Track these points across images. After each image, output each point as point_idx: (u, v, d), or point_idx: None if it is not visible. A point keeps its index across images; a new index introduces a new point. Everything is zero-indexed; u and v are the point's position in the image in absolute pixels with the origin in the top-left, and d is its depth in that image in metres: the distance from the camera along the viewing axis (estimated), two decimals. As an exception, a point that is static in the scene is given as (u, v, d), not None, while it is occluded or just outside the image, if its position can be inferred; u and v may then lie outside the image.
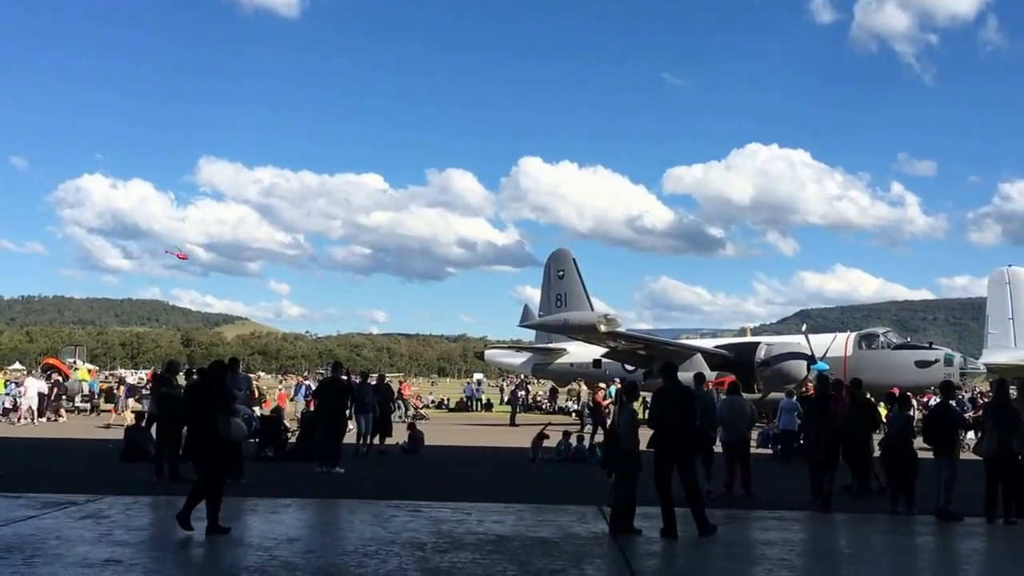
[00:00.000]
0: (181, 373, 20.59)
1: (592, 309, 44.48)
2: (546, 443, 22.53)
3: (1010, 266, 46.36)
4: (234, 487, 15.38)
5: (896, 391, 19.92)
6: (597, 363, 44.01)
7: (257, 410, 29.07)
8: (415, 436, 23.52)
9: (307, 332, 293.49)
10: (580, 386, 51.48)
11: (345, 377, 21.04)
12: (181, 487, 13.14)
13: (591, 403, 29.46)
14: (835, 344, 37.53)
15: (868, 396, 22.10)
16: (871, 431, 15.80)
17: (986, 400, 28.67)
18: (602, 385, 36.11)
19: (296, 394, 39.58)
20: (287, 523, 11.43)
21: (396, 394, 38.76)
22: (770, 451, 23.88)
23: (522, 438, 25.37)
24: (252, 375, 47.58)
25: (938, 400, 16.69)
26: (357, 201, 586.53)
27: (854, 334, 38.84)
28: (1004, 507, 13.13)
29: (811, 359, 35.95)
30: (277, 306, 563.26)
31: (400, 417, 39.03)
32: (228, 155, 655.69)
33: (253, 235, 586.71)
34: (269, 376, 78.26)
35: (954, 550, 11.67)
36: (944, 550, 11.79)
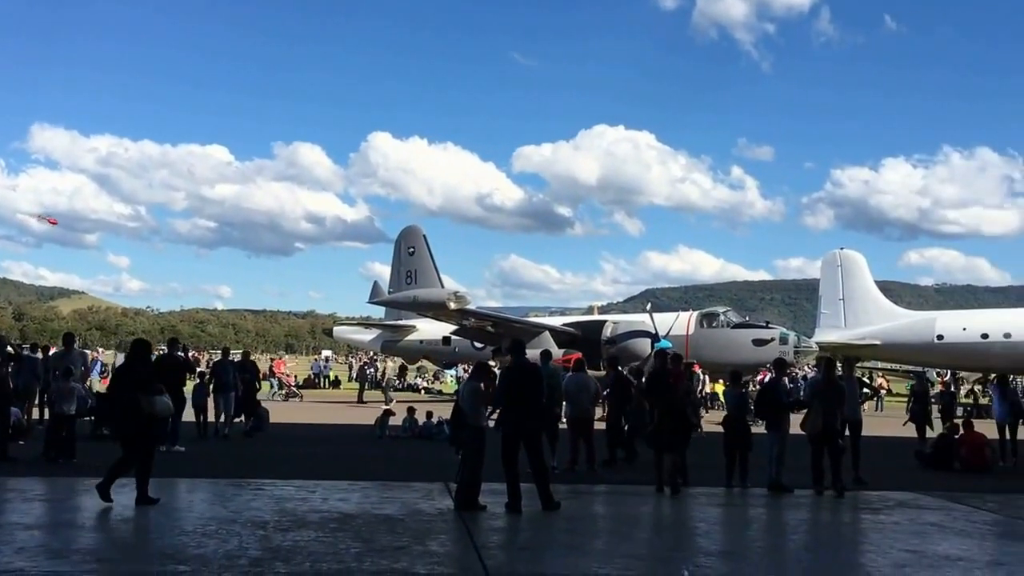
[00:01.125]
0: (9, 347, 19.52)
1: (442, 286, 44.58)
2: (393, 420, 22.52)
3: (842, 249, 49.00)
4: (66, 467, 14.81)
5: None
6: (447, 340, 44.16)
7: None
8: (259, 414, 23.06)
9: (148, 307, 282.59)
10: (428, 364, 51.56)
11: (182, 354, 20.49)
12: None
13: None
14: (678, 323, 38.83)
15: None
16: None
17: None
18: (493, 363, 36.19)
19: (92, 370, 37.96)
20: (122, 503, 11.03)
21: (268, 372, 38.03)
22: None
23: (370, 416, 25.25)
24: (89, 351, 45.41)
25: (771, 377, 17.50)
26: (201, 173, 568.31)
27: (696, 313, 40.27)
28: (833, 479, 13.93)
29: (655, 337, 37.10)
30: (116, 280, 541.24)
31: (272, 395, 38.27)
32: (62, 122, 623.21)
33: (90, 206, 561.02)
34: (110, 352, 75.47)
35: (783, 521, 12.34)
36: (774, 521, 12.44)
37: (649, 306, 47.05)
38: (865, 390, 19.74)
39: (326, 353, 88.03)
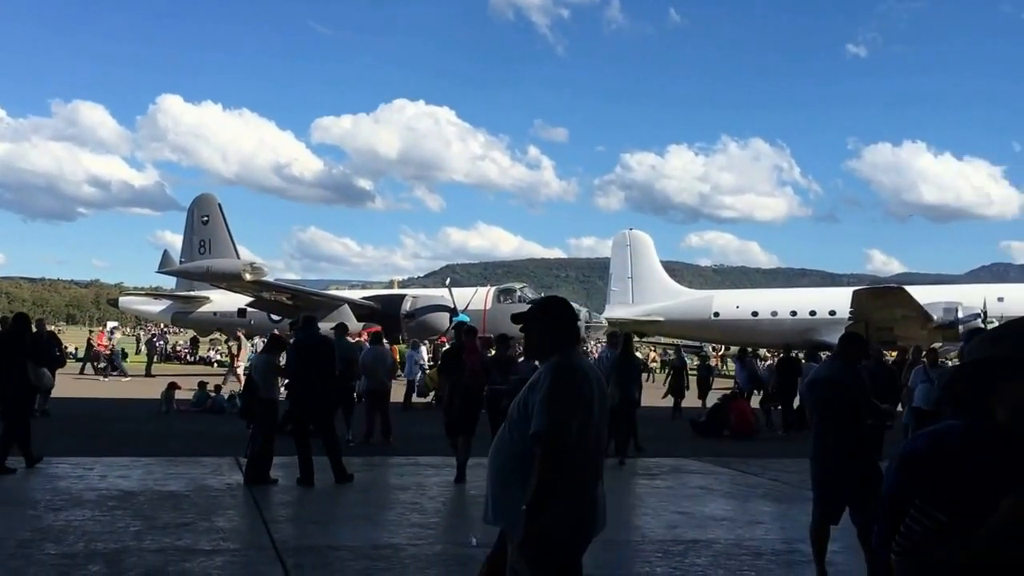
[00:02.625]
0: None
1: (238, 257, 43.18)
2: (180, 394, 21.59)
3: (631, 229, 50.94)
4: None
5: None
6: (242, 312, 42.91)
7: None
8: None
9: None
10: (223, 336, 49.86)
11: None
12: None
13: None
14: (476, 298, 39.33)
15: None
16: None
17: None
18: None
19: None
20: None
21: (87, 345, 35.46)
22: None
23: (159, 390, 24.14)
24: None
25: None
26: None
27: (494, 288, 40.90)
28: (618, 449, 14.49)
29: (453, 311, 37.43)
30: None
31: (89, 370, 35.22)
32: None
33: None
34: None
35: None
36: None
37: (448, 281, 47.38)
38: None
39: (112, 324, 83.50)
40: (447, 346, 16.69)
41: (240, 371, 27.24)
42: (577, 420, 4.01)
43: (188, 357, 51.38)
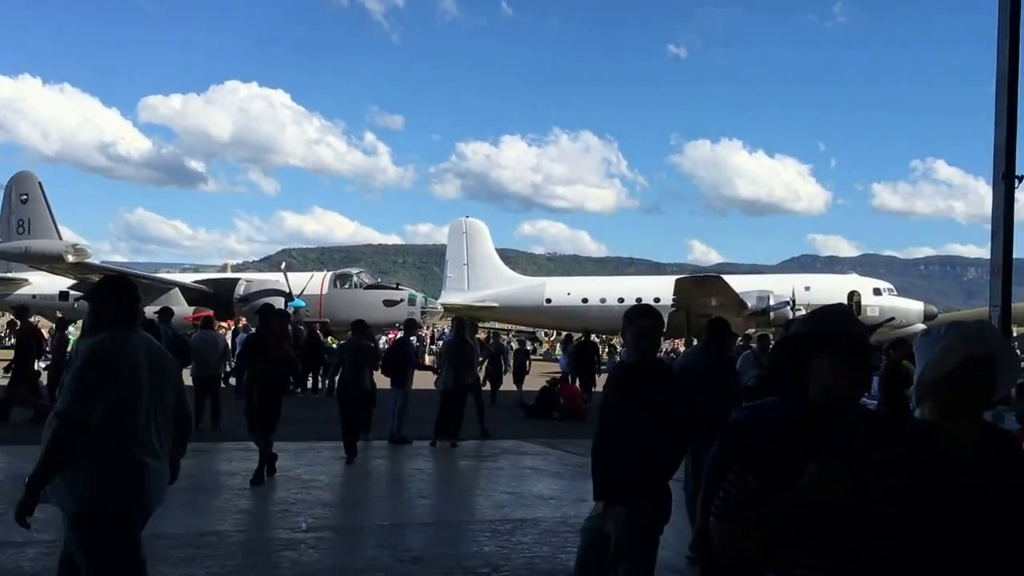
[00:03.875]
0: None
1: (60, 238, 40.86)
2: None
3: (467, 217, 51.14)
4: None
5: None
6: (64, 295, 40.56)
7: None
8: None
9: None
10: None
11: None
12: None
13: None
14: (312, 283, 38.60)
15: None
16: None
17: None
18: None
19: None
20: None
21: None
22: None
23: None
24: None
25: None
26: None
27: (330, 274, 40.24)
28: (451, 432, 14.53)
29: (289, 296, 36.60)
30: None
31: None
32: None
33: None
34: None
35: (403, 471, 12.71)
36: (395, 472, 12.78)
37: (284, 265, 46.33)
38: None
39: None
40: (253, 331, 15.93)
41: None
42: (107, 398, 4.06)
43: (6, 341, 48.23)
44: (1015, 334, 28.32)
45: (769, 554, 2.38)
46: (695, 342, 16.91)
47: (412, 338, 17.10)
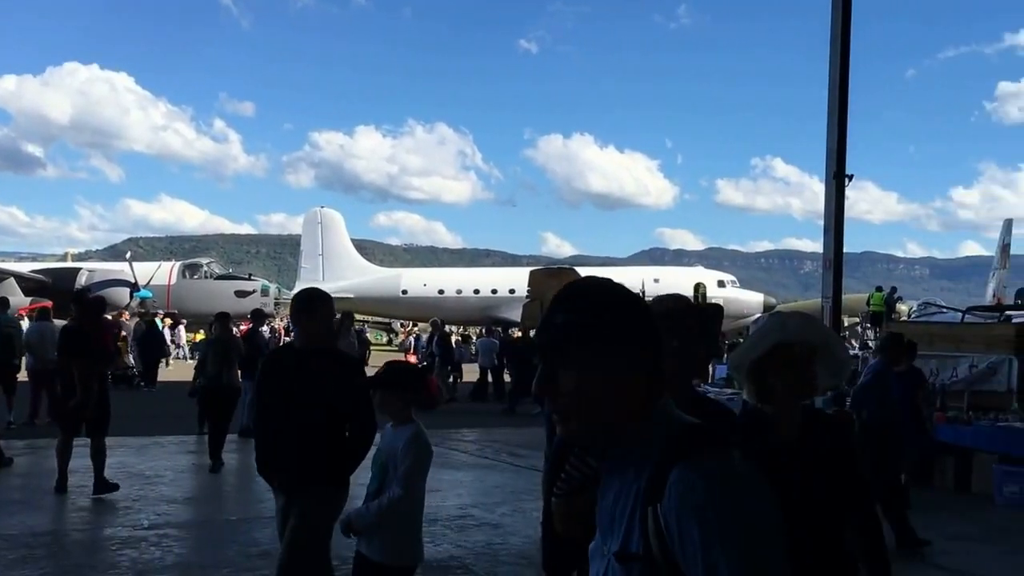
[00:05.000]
0: None
1: None
2: None
3: (322, 207, 50.30)
4: None
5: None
6: None
7: None
8: None
9: None
10: None
11: None
12: None
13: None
14: (159, 272, 37.25)
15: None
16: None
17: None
18: None
19: None
20: None
21: None
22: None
23: None
24: None
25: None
26: None
27: (179, 263, 38.90)
28: None
29: (134, 286, 35.20)
30: None
31: None
32: None
33: None
34: None
35: (248, 464, 12.37)
36: (242, 464, 12.44)
37: (129, 255, 44.45)
38: None
39: None
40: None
41: None
42: None
43: None
44: (846, 324, 30.01)
45: None
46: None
47: (264, 329, 16.74)
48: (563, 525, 2.49)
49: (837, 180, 17.04)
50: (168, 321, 32.80)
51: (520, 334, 23.78)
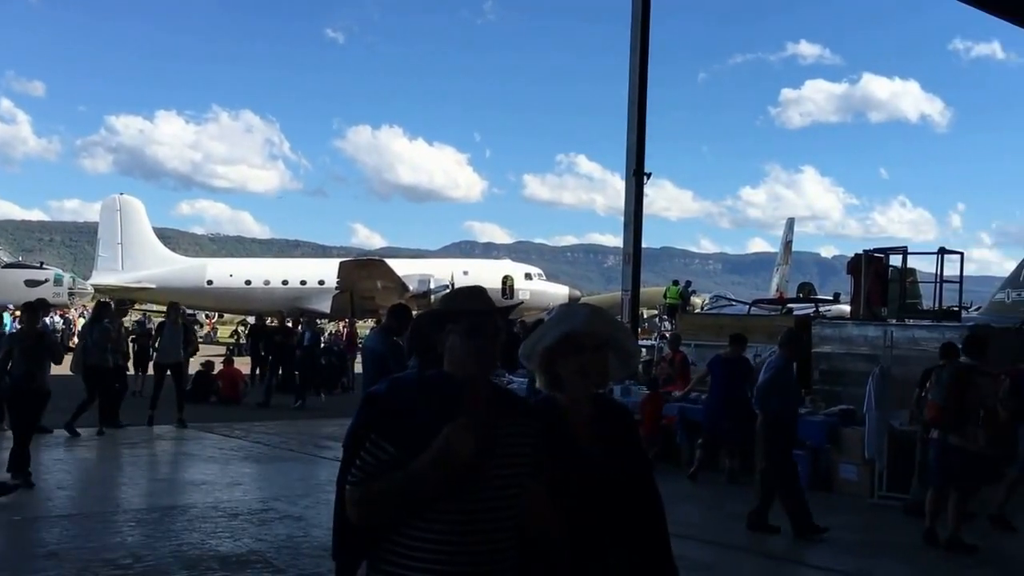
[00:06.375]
0: None
1: None
2: None
3: (121, 194, 47.64)
4: None
5: None
6: None
7: None
8: None
9: None
10: None
11: None
12: None
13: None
14: (-64, 260, 34.19)
15: None
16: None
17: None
18: None
19: None
20: None
21: None
22: None
23: None
24: None
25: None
26: None
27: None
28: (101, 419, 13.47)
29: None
30: None
31: None
32: None
33: None
34: None
35: (37, 460, 11.57)
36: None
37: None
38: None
39: None
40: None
41: None
42: None
43: None
44: (645, 316, 31.25)
45: (402, 518, 2.45)
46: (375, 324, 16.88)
47: (51, 319, 15.71)
48: (356, 512, 2.48)
49: (636, 177, 17.70)
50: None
51: (277, 322, 22.48)
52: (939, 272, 13.82)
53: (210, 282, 43.18)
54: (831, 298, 26.49)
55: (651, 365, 15.82)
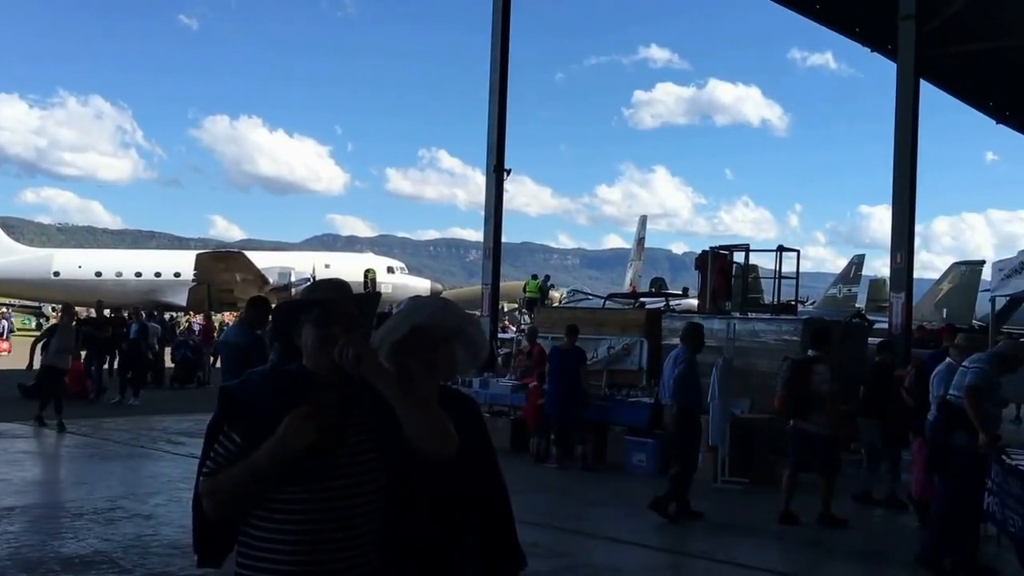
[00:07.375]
0: None
1: None
2: None
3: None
4: None
5: None
6: None
7: None
8: None
9: None
10: None
11: None
12: None
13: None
14: None
15: None
16: None
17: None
18: None
19: None
20: None
21: None
22: None
23: None
24: None
25: None
26: None
27: None
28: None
29: None
30: None
31: None
32: None
33: None
34: None
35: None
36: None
37: None
38: None
39: None
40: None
41: None
42: None
43: None
44: (505, 309, 31.54)
45: (250, 508, 2.44)
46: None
47: None
48: (207, 504, 2.46)
49: (496, 173, 17.87)
50: None
51: (110, 314, 21.36)
52: (778, 268, 14.50)
53: (57, 274, 41.08)
54: (680, 292, 27.38)
55: (510, 357, 15.99)
